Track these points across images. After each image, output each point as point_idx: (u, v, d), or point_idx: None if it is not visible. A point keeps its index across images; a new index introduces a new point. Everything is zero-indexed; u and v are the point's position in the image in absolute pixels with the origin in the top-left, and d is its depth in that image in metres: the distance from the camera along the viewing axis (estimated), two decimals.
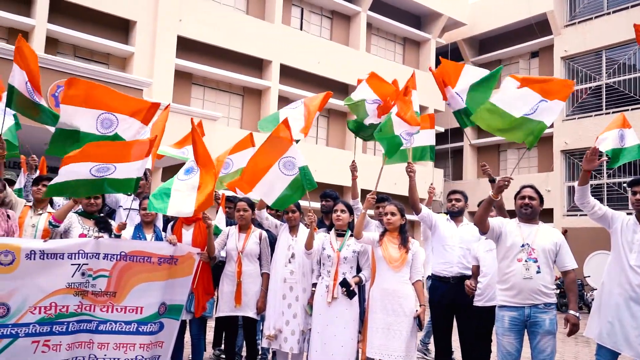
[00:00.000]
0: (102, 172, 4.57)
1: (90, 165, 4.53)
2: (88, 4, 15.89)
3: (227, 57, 18.80)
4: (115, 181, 4.67)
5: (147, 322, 4.76)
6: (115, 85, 12.54)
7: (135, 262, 4.77)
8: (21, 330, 4.34)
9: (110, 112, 4.89)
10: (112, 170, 4.62)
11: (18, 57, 5.13)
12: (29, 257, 4.39)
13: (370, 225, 5.50)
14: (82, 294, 4.57)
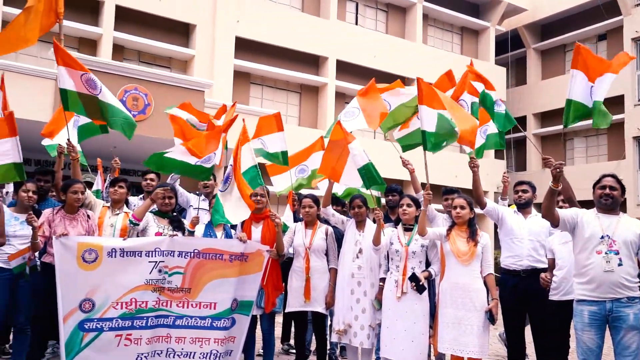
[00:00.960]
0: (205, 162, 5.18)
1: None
2: (151, 11, 16.45)
3: (284, 55, 19.00)
4: (200, 168, 5.17)
5: (221, 318, 4.91)
6: (178, 87, 12.95)
7: (208, 259, 4.92)
8: (105, 324, 4.58)
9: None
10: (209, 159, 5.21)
11: (60, 59, 5.18)
12: (110, 255, 4.62)
13: (437, 219, 5.43)
14: (159, 290, 4.76)
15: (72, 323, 4.48)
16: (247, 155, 5.32)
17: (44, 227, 4.67)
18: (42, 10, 5.30)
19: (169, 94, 12.32)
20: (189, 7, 17.00)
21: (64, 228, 4.69)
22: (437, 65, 20.19)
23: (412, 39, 21.49)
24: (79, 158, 5.40)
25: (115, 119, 5.41)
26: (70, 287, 4.49)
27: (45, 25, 5.48)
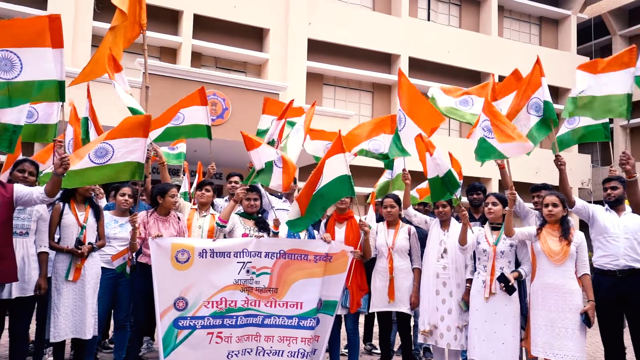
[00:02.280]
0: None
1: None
2: (226, 18, 16.98)
3: (356, 55, 19.02)
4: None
5: (307, 317, 4.98)
6: (253, 91, 13.25)
7: (293, 259, 5.01)
8: (198, 322, 4.76)
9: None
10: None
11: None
12: (201, 256, 4.80)
13: (529, 217, 5.24)
14: (247, 290, 4.90)
15: (168, 320, 4.70)
16: (338, 164, 5.10)
17: (140, 229, 4.92)
18: (127, 24, 5.61)
19: (245, 98, 12.63)
20: (262, 12, 17.39)
21: (157, 230, 4.92)
22: (514, 58, 19.52)
23: (487, 32, 20.89)
24: (165, 162, 5.65)
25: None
26: (165, 286, 4.71)
27: (130, 38, 5.80)
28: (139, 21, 5.74)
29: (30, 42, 4.10)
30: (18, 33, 4.07)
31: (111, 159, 4.44)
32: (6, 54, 4.07)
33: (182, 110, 6.53)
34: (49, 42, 4.15)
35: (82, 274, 4.45)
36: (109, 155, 4.43)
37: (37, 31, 4.11)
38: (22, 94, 4.17)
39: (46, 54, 4.16)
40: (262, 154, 5.13)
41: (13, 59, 4.09)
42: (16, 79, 4.11)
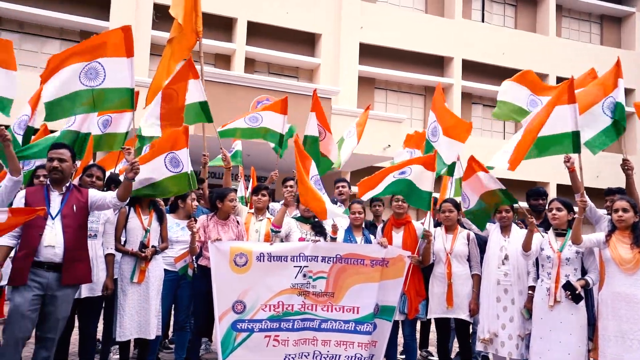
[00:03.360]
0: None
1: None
2: (279, 24, 17.21)
3: (408, 58, 18.87)
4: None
5: (364, 322, 4.95)
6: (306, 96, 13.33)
7: (349, 264, 4.99)
8: (255, 325, 4.81)
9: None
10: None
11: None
12: (259, 259, 4.86)
13: (602, 222, 5.00)
14: (304, 294, 4.91)
15: (226, 323, 4.76)
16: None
17: (200, 232, 5.03)
18: (184, 34, 5.76)
19: (298, 103, 12.72)
20: (314, 18, 17.52)
21: (217, 233, 5.01)
22: (573, 59, 18.89)
23: (544, 32, 20.29)
24: (231, 167, 5.76)
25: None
26: (224, 289, 4.79)
27: (189, 46, 5.96)
28: (195, 29, 5.88)
29: (111, 52, 4.36)
30: (100, 44, 4.34)
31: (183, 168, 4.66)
32: (93, 64, 4.35)
33: (261, 112, 6.63)
34: (124, 51, 4.37)
35: (146, 276, 4.58)
36: (181, 165, 4.64)
37: (115, 42, 4.36)
38: (102, 102, 4.42)
39: (123, 63, 4.39)
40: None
41: (98, 68, 4.35)
42: (99, 86, 4.36)
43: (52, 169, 3.97)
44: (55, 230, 3.84)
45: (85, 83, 4.33)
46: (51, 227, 3.84)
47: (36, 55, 15.40)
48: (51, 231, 3.83)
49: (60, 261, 3.83)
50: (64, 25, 15.36)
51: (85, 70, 4.33)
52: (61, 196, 3.98)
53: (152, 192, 4.71)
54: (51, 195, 3.95)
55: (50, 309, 3.83)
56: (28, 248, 3.77)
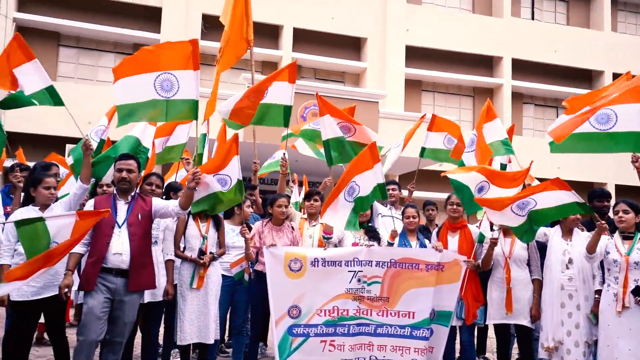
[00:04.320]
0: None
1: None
2: (324, 29, 17.30)
3: (456, 59, 18.60)
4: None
5: (420, 327, 4.89)
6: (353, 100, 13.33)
7: (404, 268, 4.95)
8: (311, 330, 4.83)
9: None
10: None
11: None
12: (313, 265, 4.87)
13: None
14: (359, 299, 4.90)
15: (283, 327, 4.80)
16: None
17: (255, 238, 5.10)
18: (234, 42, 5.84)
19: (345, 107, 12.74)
20: (359, 22, 17.52)
21: (272, 239, 5.06)
22: (630, 55, 18.18)
23: (598, 27, 19.60)
24: (287, 173, 5.80)
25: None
26: (279, 293, 4.83)
27: (238, 55, 6.03)
28: (246, 37, 5.96)
29: (182, 65, 4.56)
30: (172, 56, 4.54)
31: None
32: (167, 76, 4.55)
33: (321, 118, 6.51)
34: (192, 64, 4.54)
35: (205, 281, 4.68)
36: (228, 184, 4.70)
37: (185, 55, 4.55)
38: (172, 112, 4.64)
39: (191, 76, 4.56)
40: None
41: (172, 80, 4.58)
42: (173, 97, 4.58)
43: (120, 180, 4.11)
44: (122, 238, 3.98)
45: (160, 94, 4.53)
46: (118, 235, 3.98)
47: (93, 68, 16.02)
48: (118, 239, 3.96)
49: (127, 268, 3.97)
50: (117, 39, 15.92)
51: (160, 81, 4.52)
52: (127, 205, 4.11)
53: (207, 208, 4.79)
54: (118, 204, 4.10)
55: (118, 313, 3.96)
56: (97, 255, 3.92)
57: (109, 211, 3.94)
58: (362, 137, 6.09)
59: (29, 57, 4.62)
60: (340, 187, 5.02)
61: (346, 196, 5.00)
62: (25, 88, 4.64)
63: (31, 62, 4.61)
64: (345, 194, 5.00)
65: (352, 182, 5.01)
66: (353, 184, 5.00)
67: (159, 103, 4.54)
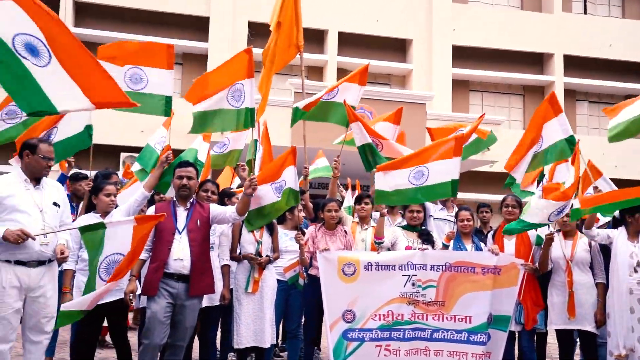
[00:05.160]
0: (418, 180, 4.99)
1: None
2: (369, 32, 17.27)
3: (504, 57, 18.21)
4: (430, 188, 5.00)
5: (477, 332, 4.78)
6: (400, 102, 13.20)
7: (459, 272, 4.85)
8: (366, 334, 4.80)
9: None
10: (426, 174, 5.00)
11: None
12: (367, 269, 4.84)
13: None
14: (414, 303, 4.83)
15: (337, 332, 4.79)
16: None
17: (309, 243, 5.12)
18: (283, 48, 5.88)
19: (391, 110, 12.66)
20: (404, 24, 17.41)
21: (325, 244, 5.08)
22: None
23: None
24: (338, 176, 5.81)
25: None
26: (333, 298, 4.82)
27: (286, 60, 6.07)
28: (296, 43, 5.99)
29: (244, 75, 4.70)
30: (238, 68, 4.69)
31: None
32: (237, 86, 4.73)
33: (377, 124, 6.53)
34: (246, 73, 4.65)
35: (260, 286, 4.73)
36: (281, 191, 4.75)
37: (244, 65, 4.68)
38: (240, 121, 4.76)
39: (248, 84, 4.67)
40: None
41: (241, 89, 4.74)
42: (241, 106, 4.74)
43: (181, 187, 4.19)
44: (183, 244, 4.06)
45: (232, 104, 4.68)
46: (178, 241, 4.06)
47: None
48: (179, 245, 4.05)
49: (188, 273, 4.05)
50: None
51: (232, 91, 4.69)
52: (186, 211, 4.20)
53: (263, 221, 4.85)
54: (177, 210, 4.19)
55: (179, 317, 4.05)
56: (159, 261, 4.02)
57: (165, 215, 4.01)
58: (390, 152, 5.96)
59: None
60: (410, 161, 4.98)
61: (411, 177, 4.92)
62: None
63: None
64: (412, 175, 4.92)
65: (423, 167, 4.93)
66: (424, 168, 4.91)
67: (231, 113, 4.68)
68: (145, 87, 4.92)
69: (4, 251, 3.64)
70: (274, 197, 4.73)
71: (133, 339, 4.71)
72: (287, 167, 4.75)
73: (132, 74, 4.87)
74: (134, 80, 4.88)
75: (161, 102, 5.08)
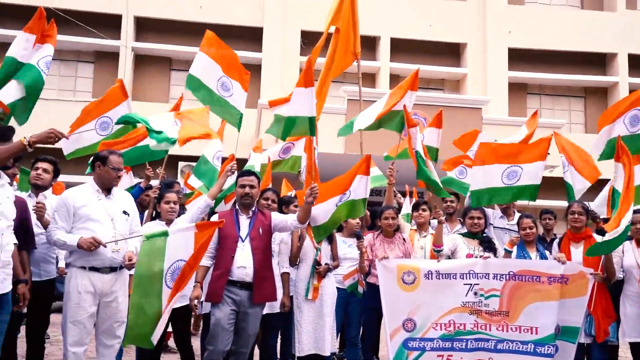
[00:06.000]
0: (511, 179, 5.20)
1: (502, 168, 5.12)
2: (421, 37, 17.11)
3: (563, 58, 17.62)
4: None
5: (544, 344, 4.63)
6: (454, 108, 12.96)
7: (524, 281, 4.73)
8: (427, 344, 4.73)
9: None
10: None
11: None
12: (427, 277, 4.78)
13: None
14: (476, 313, 4.73)
15: (398, 341, 4.74)
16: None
17: (367, 250, 5.09)
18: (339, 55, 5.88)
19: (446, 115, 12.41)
20: (458, 28, 17.17)
21: (383, 251, 5.04)
22: None
23: None
24: (393, 183, 5.78)
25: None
26: (393, 306, 4.78)
27: (343, 67, 6.06)
28: (353, 50, 6.00)
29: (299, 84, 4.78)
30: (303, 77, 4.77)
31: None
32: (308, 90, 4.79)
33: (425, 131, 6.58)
34: (303, 82, 4.70)
35: (320, 293, 4.74)
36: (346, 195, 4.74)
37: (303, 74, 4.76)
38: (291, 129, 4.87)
39: (304, 93, 4.71)
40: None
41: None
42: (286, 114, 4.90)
43: (243, 195, 4.26)
44: (245, 252, 4.12)
45: (305, 112, 4.74)
46: (242, 248, 4.13)
47: None
48: (242, 253, 4.11)
49: (251, 280, 4.10)
50: None
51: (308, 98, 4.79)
52: (249, 220, 4.26)
53: (325, 233, 4.88)
54: (240, 218, 4.25)
55: (242, 324, 4.10)
56: (222, 268, 4.09)
57: (224, 221, 4.11)
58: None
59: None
60: (507, 157, 5.12)
61: (504, 176, 5.09)
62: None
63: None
64: (505, 174, 5.08)
65: (518, 167, 5.04)
66: (518, 168, 5.04)
67: (301, 120, 4.74)
68: (230, 97, 5.53)
69: (79, 258, 3.85)
70: (333, 209, 4.73)
71: (194, 344, 4.82)
72: (359, 176, 4.72)
73: (224, 82, 5.49)
74: (224, 87, 5.48)
75: (237, 116, 5.54)
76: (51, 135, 3.38)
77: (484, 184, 5.36)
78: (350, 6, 5.72)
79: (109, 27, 15.85)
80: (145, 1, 16.11)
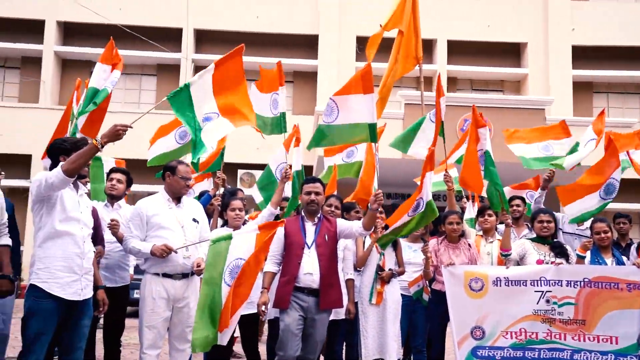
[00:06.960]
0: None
1: None
2: (480, 38, 16.76)
3: (633, 54, 16.83)
4: None
5: (626, 354, 4.44)
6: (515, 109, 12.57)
7: (601, 288, 4.54)
8: (497, 353, 4.60)
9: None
10: None
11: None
12: (496, 284, 4.66)
13: None
14: (549, 322, 4.57)
15: (466, 349, 4.64)
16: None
17: (432, 256, 5.00)
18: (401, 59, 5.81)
19: (506, 117, 12.09)
20: (518, 27, 16.73)
21: (448, 257, 4.93)
22: None
23: None
24: (454, 189, 5.66)
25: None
26: (460, 314, 4.68)
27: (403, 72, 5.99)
28: (415, 55, 5.93)
29: (349, 91, 4.77)
30: (356, 83, 4.77)
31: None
32: (329, 102, 4.78)
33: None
34: (362, 89, 4.67)
35: (383, 298, 4.70)
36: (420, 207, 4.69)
37: (354, 80, 4.76)
38: (339, 137, 4.84)
39: (364, 100, 4.68)
40: None
41: (332, 105, 4.76)
42: (334, 122, 4.77)
43: (309, 202, 4.29)
44: (312, 259, 4.14)
45: (366, 119, 4.72)
46: (308, 255, 4.15)
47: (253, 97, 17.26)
48: (308, 259, 4.13)
49: (318, 287, 4.11)
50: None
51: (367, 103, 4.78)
52: (314, 226, 4.28)
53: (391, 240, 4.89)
54: (306, 225, 4.28)
55: (310, 331, 4.12)
56: (289, 275, 4.12)
57: (284, 221, 4.22)
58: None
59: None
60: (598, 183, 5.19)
61: (602, 193, 5.19)
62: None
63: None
64: (602, 192, 5.19)
65: (613, 179, 5.15)
66: (614, 181, 5.13)
67: (360, 126, 4.71)
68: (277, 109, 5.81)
69: (152, 265, 4.00)
70: (407, 218, 4.70)
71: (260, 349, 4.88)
72: (426, 174, 4.64)
73: (274, 99, 5.81)
74: (274, 105, 5.76)
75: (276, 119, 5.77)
76: (118, 132, 3.37)
77: (581, 210, 5.40)
78: (412, 10, 5.66)
79: (170, 40, 16.43)
80: (204, 14, 16.57)
